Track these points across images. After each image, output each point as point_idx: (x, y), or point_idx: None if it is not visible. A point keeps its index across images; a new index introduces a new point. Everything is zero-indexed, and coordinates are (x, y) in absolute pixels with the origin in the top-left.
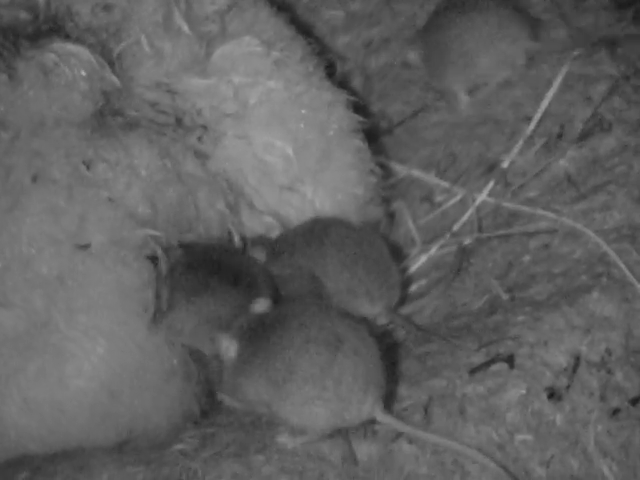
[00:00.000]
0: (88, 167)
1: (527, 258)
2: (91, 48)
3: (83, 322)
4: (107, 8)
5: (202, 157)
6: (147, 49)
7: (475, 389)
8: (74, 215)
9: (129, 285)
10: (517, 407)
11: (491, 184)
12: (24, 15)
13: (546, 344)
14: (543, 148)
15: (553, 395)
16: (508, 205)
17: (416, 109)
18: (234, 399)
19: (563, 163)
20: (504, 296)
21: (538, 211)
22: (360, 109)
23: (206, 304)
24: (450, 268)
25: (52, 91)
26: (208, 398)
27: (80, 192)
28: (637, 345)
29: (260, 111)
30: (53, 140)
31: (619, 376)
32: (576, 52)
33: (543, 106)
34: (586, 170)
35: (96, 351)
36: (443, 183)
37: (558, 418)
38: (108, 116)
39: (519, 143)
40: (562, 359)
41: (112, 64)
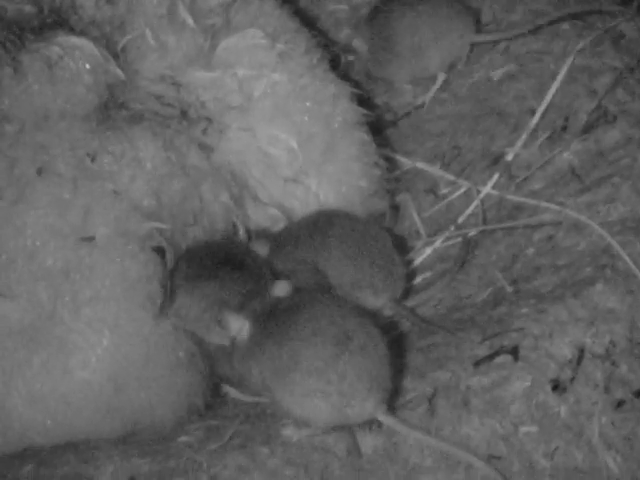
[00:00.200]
0: (93, 160)
1: (531, 250)
2: (95, 41)
3: (88, 314)
4: (111, 1)
5: (206, 149)
6: (151, 42)
7: (479, 381)
8: (79, 207)
9: (134, 277)
10: (521, 399)
11: (495, 177)
12: (28, 8)
13: (550, 336)
14: (547, 141)
15: (557, 387)
16: (512, 197)
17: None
18: (240, 387)
19: (567, 156)
20: (508, 288)
21: (542, 203)
22: (364, 102)
23: (211, 288)
24: (455, 260)
25: (57, 84)
26: (213, 390)
27: (85, 185)
28: None
29: (264, 104)
30: (58, 133)
31: (623, 368)
32: (580, 45)
33: (547, 98)
34: (590, 162)
35: (101, 343)
36: (448, 176)
37: (562, 410)
38: (113, 109)
39: (523, 136)
40: (566, 351)
41: (116, 57)
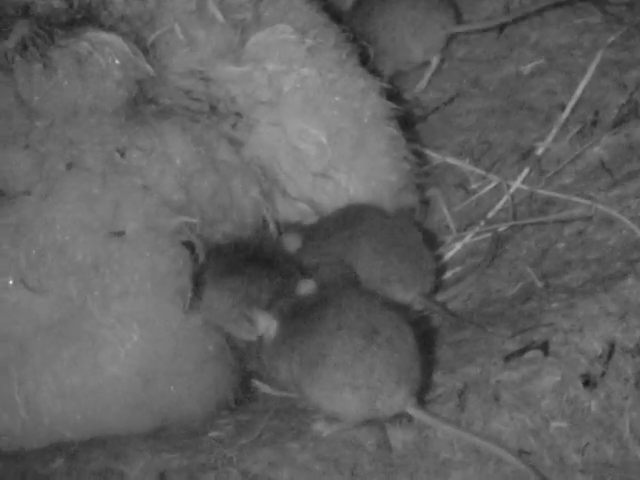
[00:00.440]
0: (122, 155)
1: (561, 245)
2: (125, 37)
3: (118, 309)
4: None
5: (236, 144)
6: (181, 37)
7: (510, 376)
8: (108, 202)
9: (164, 272)
10: (552, 394)
11: (526, 171)
12: (58, 4)
13: (581, 331)
14: (577, 135)
15: (588, 382)
16: (542, 192)
17: (451, 96)
18: (269, 382)
19: (598, 150)
20: (538, 283)
21: (573, 198)
22: (394, 96)
23: (239, 284)
24: (485, 255)
25: (86, 80)
26: (243, 385)
27: (114, 179)
28: None
29: (294, 98)
30: (87, 128)
31: None
32: (610, 38)
33: (577, 93)
34: (621, 157)
35: (131, 338)
36: (478, 170)
37: (593, 405)
38: (142, 104)
39: (553, 130)
40: (597, 346)
41: (146, 52)
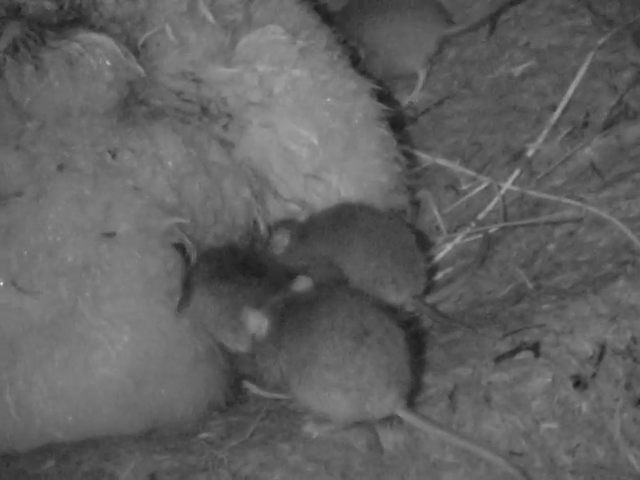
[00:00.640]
0: (113, 156)
1: (552, 246)
2: (116, 38)
3: (109, 310)
4: None
5: (227, 146)
6: (172, 38)
7: (500, 377)
8: (100, 203)
9: (155, 273)
10: (543, 395)
11: (516, 173)
12: (49, 5)
13: (571, 332)
14: (568, 136)
15: (579, 383)
16: (533, 193)
17: (442, 98)
18: (260, 384)
19: (588, 151)
20: (529, 284)
21: (563, 199)
22: (385, 98)
23: (228, 291)
24: (475, 256)
25: (77, 81)
26: (234, 387)
27: (106, 181)
28: None
29: (285, 100)
30: (78, 129)
31: None
32: (601, 40)
33: (568, 94)
34: (611, 158)
35: (122, 339)
36: (468, 172)
37: (584, 406)
38: (133, 105)
39: (544, 132)
40: (588, 347)
41: (137, 54)
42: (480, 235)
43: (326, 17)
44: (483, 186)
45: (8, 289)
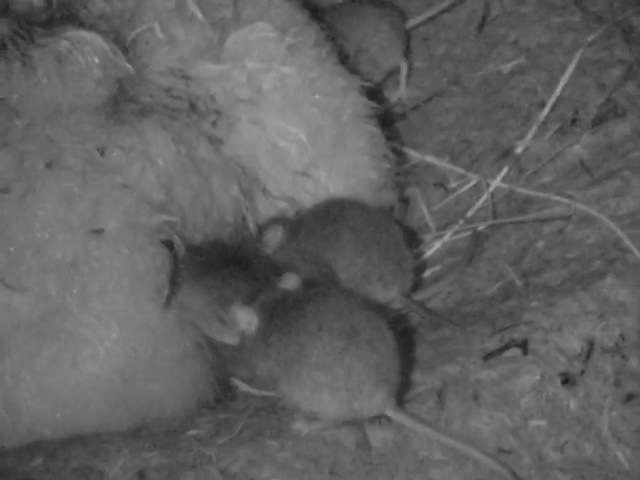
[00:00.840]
0: (102, 153)
1: (541, 244)
2: (104, 35)
3: (97, 307)
4: None
5: (216, 142)
6: (160, 35)
7: (489, 375)
8: (88, 200)
9: (143, 270)
10: (531, 392)
11: (505, 170)
12: (38, 2)
13: (560, 329)
14: (557, 134)
15: (567, 380)
16: (522, 191)
17: (431, 94)
18: (249, 381)
19: (577, 149)
20: (518, 282)
21: (552, 197)
22: (374, 94)
23: (215, 284)
24: (464, 254)
25: (66, 78)
26: (223, 384)
27: (94, 178)
28: None
29: (274, 96)
30: (67, 127)
31: (633, 361)
32: (590, 37)
33: (557, 91)
34: (600, 156)
35: (110, 336)
36: (457, 169)
37: (572, 403)
38: (122, 102)
39: (533, 129)
40: (576, 344)
41: (125, 51)
42: (469, 232)
43: (315, 13)
44: (472, 183)
45: None
